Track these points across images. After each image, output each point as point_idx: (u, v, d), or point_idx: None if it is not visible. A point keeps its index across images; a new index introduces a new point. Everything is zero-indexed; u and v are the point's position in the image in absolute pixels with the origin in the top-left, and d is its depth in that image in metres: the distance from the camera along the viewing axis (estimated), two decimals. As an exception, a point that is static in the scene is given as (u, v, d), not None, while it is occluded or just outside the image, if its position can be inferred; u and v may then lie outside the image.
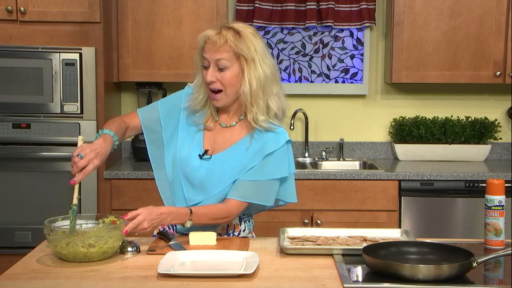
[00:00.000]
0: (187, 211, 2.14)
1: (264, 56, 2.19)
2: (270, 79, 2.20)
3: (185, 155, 2.28)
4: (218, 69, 2.17)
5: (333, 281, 1.82)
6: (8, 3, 3.54)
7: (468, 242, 2.27)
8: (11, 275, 1.87)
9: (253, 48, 2.16)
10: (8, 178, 3.61)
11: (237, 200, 2.20)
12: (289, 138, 2.26)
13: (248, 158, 2.22)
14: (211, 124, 2.30)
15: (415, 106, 4.25)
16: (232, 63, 2.16)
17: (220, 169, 2.23)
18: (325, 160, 4.20)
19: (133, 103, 4.21)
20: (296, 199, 2.33)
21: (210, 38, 2.17)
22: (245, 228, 2.35)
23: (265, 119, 2.21)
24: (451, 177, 3.65)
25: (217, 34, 2.16)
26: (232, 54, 2.16)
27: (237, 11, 4.09)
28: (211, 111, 2.29)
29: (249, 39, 2.16)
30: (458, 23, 3.88)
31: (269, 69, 2.20)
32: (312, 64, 4.25)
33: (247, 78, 2.17)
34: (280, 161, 2.23)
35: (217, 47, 2.15)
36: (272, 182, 2.23)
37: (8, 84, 3.56)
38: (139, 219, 2.03)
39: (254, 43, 2.17)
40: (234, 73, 2.17)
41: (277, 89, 2.24)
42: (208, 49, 2.17)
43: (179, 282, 1.79)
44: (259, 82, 2.17)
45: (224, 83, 2.18)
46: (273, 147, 2.21)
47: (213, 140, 2.29)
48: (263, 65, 2.18)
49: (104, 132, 2.20)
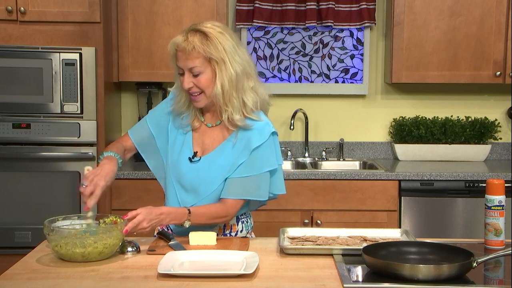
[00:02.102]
0: (185, 211, 2.15)
1: (234, 54, 2.18)
2: (242, 76, 2.19)
3: (175, 159, 2.30)
4: (193, 75, 2.17)
5: (333, 281, 1.82)
6: (8, 3, 3.54)
7: (468, 242, 2.27)
8: (11, 275, 1.87)
9: (222, 48, 2.15)
10: (8, 178, 3.61)
11: (232, 199, 2.21)
12: (274, 130, 2.26)
13: (236, 155, 2.23)
14: (196, 123, 2.31)
15: (415, 106, 4.25)
16: (205, 67, 2.16)
17: (210, 170, 2.24)
18: (325, 160, 4.20)
19: (133, 103, 4.21)
20: (285, 191, 2.33)
21: (179, 46, 2.16)
22: (242, 228, 2.35)
23: (240, 118, 2.21)
24: (451, 177, 3.65)
25: (185, 41, 2.15)
26: (202, 59, 2.15)
27: (237, 11, 4.09)
28: (195, 111, 2.31)
29: (216, 40, 2.15)
30: (458, 23, 3.88)
31: (240, 66, 2.18)
32: (312, 64, 4.25)
33: (219, 80, 2.16)
34: (268, 154, 2.24)
35: (187, 54, 2.14)
36: (263, 175, 2.24)
37: (8, 84, 3.56)
38: (138, 219, 2.04)
39: (223, 43, 2.15)
40: (209, 76, 2.18)
41: (252, 83, 2.23)
42: (180, 57, 2.17)
43: (179, 282, 1.79)
44: (231, 82, 2.17)
45: (201, 86, 2.18)
46: (259, 140, 2.22)
47: (202, 141, 2.30)
48: (234, 63, 2.17)
49: (105, 155, 2.25)
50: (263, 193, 2.26)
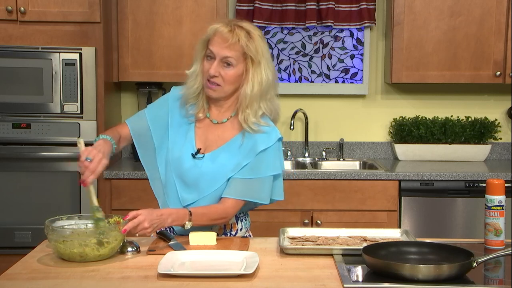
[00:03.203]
0: (186, 212, 2.15)
1: (269, 61, 2.23)
2: (270, 84, 2.24)
3: (177, 155, 2.28)
4: (223, 65, 2.18)
5: (333, 281, 1.82)
6: (8, 3, 3.54)
7: (468, 242, 2.27)
8: (11, 275, 1.87)
9: (261, 51, 2.20)
10: (8, 178, 3.61)
11: (233, 199, 2.21)
12: (280, 136, 2.28)
13: (241, 156, 2.23)
14: (201, 115, 2.30)
15: (415, 106, 4.25)
16: (238, 62, 2.19)
17: (214, 167, 2.24)
18: (325, 160, 4.20)
19: (133, 103, 4.21)
20: (283, 197, 2.34)
21: (221, 34, 2.17)
22: (242, 227, 2.36)
23: (255, 122, 2.22)
24: (451, 177, 3.65)
25: (230, 32, 2.17)
26: (240, 53, 2.18)
27: (237, 11, 4.09)
28: (203, 103, 2.30)
29: (258, 42, 2.20)
30: (458, 23, 3.88)
31: (271, 74, 2.23)
32: (312, 64, 4.25)
33: (251, 79, 2.19)
34: (273, 158, 2.25)
35: (228, 44, 2.16)
36: (266, 179, 2.25)
37: (8, 84, 3.56)
38: (139, 219, 2.03)
39: (262, 46, 2.21)
40: (238, 72, 2.20)
41: (273, 93, 2.27)
42: (217, 43, 2.18)
43: (179, 282, 1.79)
44: (260, 86, 2.20)
45: (226, 79, 2.20)
46: (265, 144, 2.23)
47: (205, 137, 2.30)
48: (267, 69, 2.21)
49: (102, 137, 2.23)
50: (264, 196, 2.26)
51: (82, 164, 2.08)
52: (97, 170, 2.08)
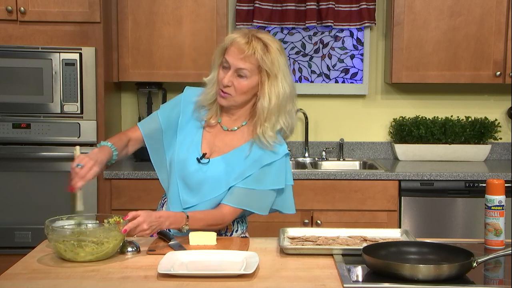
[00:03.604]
0: (183, 216, 2.15)
1: (287, 74, 2.22)
2: (288, 97, 2.22)
3: (183, 157, 2.29)
4: (237, 75, 2.19)
5: (333, 281, 1.82)
6: (8, 3, 3.54)
7: (468, 242, 2.27)
8: (11, 275, 1.87)
9: (278, 64, 2.18)
10: (8, 178, 3.61)
11: (231, 207, 2.22)
12: (288, 151, 2.28)
13: (246, 166, 2.23)
14: (213, 121, 2.31)
15: (415, 106, 4.25)
16: (252, 74, 2.18)
17: (217, 173, 2.25)
18: (325, 160, 4.20)
19: (133, 103, 4.21)
20: (294, 211, 2.35)
21: (238, 45, 2.17)
22: (238, 229, 2.36)
23: (273, 136, 2.22)
24: (451, 177, 3.65)
25: (247, 44, 2.16)
26: (255, 66, 2.17)
27: (237, 11, 4.08)
28: (216, 109, 2.31)
29: (275, 55, 2.18)
30: (458, 23, 3.88)
31: (289, 87, 2.22)
32: (312, 64, 4.25)
33: (267, 92, 2.18)
34: (277, 172, 2.25)
35: (244, 56, 2.16)
36: (268, 192, 2.25)
37: (8, 84, 3.56)
38: (139, 220, 2.03)
39: (279, 60, 2.19)
40: (252, 84, 2.20)
41: (290, 106, 2.26)
42: (233, 54, 2.18)
43: (179, 282, 1.79)
44: (278, 99, 2.19)
45: (238, 90, 2.20)
46: (272, 158, 2.23)
47: (213, 142, 2.30)
48: (284, 82, 2.20)
49: (102, 144, 2.24)
50: (264, 208, 2.27)
51: (73, 170, 2.09)
52: (86, 177, 2.08)
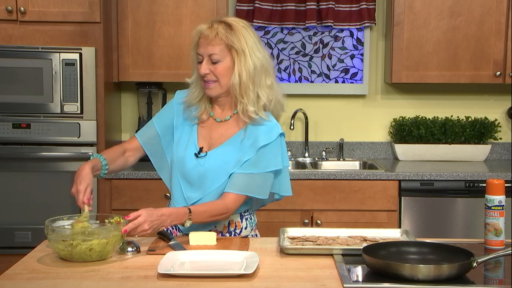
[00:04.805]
0: (186, 211, 2.15)
1: (255, 49, 2.24)
2: (261, 71, 2.25)
3: (181, 155, 2.31)
4: (212, 62, 2.23)
5: (333, 281, 1.82)
6: (8, 3, 3.54)
7: (468, 242, 2.27)
8: (11, 275, 1.87)
9: (244, 41, 2.22)
10: (8, 178, 3.61)
11: (233, 194, 2.22)
12: (282, 131, 2.29)
13: (243, 151, 2.25)
14: (204, 116, 2.34)
15: (415, 106, 4.25)
16: (224, 56, 2.22)
17: (216, 164, 2.26)
18: (325, 160, 4.20)
19: (133, 103, 4.21)
20: (291, 192, 2.36)
21: (203, 33, 2.23)
22: (247, 225, 2.36)
23: (254, 110, 2.24)
24: (451, 177, 3.65)
25: (209, 28, 2.22)
26: (223, 46, 2.21)
27: (237, 11, 4.08)
28: (205, 105, 2.34)
29: (240, 32, 2.22)
30: (458, 23, 3.88)
31: (259, 61, 2.24)
32: (312, 64, 4.25)
33: (237, 70, 2.22)
34: (273, 154, 2.26)
35: (209, 40, 2.21)
36: (267, 175, 2.25)
37: (8, 84, 3.56)
38: (139, 221, 2.03)
39: (245, 36, 2.23)
40: (227, 65, 2.23)
41: (270, 81, 2.28)
42: (201, 44, 2.24)
43: (179, 282, 1.79)
44: (248, 74, 2.22)
45: (217, 74, 2.23)
46: (266, 140, 2.24)
47: (209, 136, 2.33)
48: (253, 57, 2.23)
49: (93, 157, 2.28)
50: (264, 192, 2.27)
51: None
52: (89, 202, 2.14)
